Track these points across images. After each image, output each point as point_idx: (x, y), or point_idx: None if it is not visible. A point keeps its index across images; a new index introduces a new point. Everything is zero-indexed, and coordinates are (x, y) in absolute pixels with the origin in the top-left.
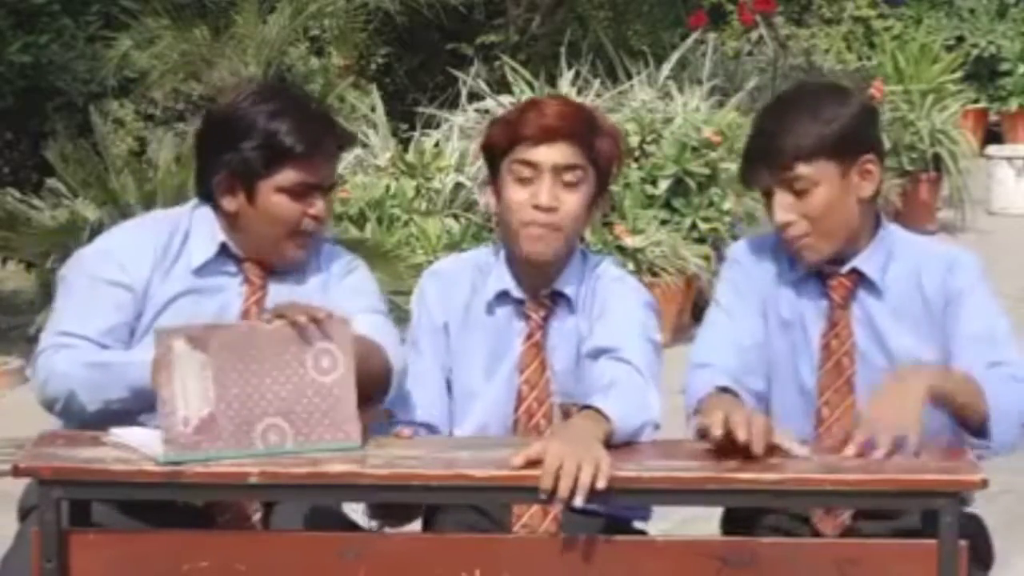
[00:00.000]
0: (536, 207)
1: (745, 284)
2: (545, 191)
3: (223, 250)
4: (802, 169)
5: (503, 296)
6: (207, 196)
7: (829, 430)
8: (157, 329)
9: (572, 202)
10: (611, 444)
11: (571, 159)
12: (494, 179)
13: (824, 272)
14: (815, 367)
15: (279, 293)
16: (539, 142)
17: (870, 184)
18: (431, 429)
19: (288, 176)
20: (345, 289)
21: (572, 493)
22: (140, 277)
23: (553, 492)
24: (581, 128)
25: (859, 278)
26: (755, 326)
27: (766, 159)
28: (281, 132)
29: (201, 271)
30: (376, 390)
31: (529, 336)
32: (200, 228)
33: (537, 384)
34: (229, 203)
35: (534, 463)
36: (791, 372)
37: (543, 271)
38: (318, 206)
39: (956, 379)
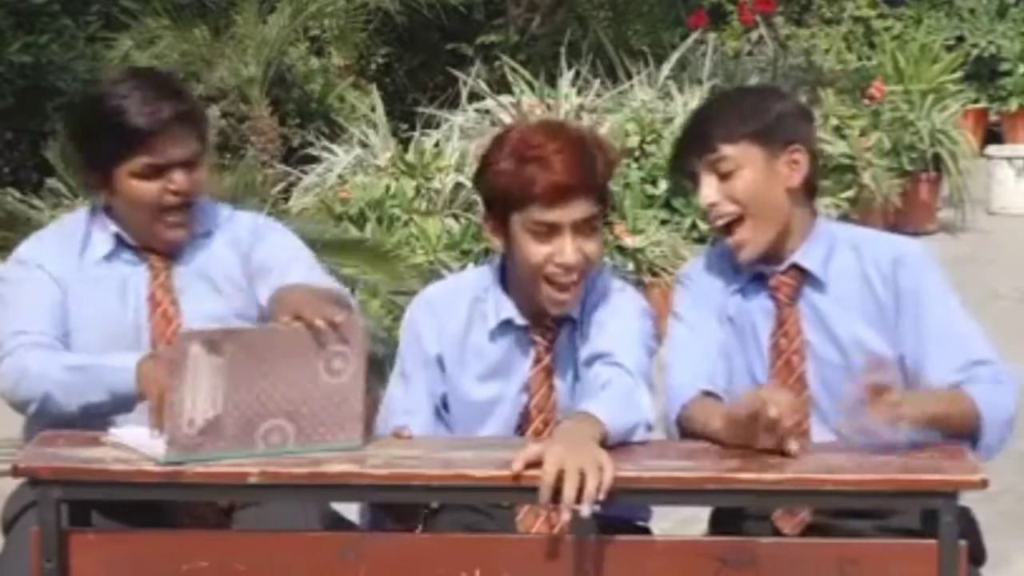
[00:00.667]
0: (560, 265)
1: (699, 297)
2: (568, 247)
3: (120, 240)
4: (726, 150)
5: (506, 324)
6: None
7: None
8: (181, 332)
9: (593, 247)
10: (605, 445)
11: (588, 211)
12: (496, 220)
13: (766, 274)
14: (767, 368)
15: (186, 271)
16: (553, 203)
17: (798, 174)
18: None
19: (139, 160)
20: (274, 247)
21: (578, 498)
22: (58, 273)
23: (556, 495)
24: (588, 172)
25: (801, 275)
26: (717, 333)
27: (693, 143)
28: (129, 113)
29: (107, 262)
30: None
31: (537, 360)
32: (98, 223)
33: (545, 407)
34: (99, 195)
35: (533, 464)
36: (748, 377)
37: None
38: (178, 181)
39: (947, 401)
